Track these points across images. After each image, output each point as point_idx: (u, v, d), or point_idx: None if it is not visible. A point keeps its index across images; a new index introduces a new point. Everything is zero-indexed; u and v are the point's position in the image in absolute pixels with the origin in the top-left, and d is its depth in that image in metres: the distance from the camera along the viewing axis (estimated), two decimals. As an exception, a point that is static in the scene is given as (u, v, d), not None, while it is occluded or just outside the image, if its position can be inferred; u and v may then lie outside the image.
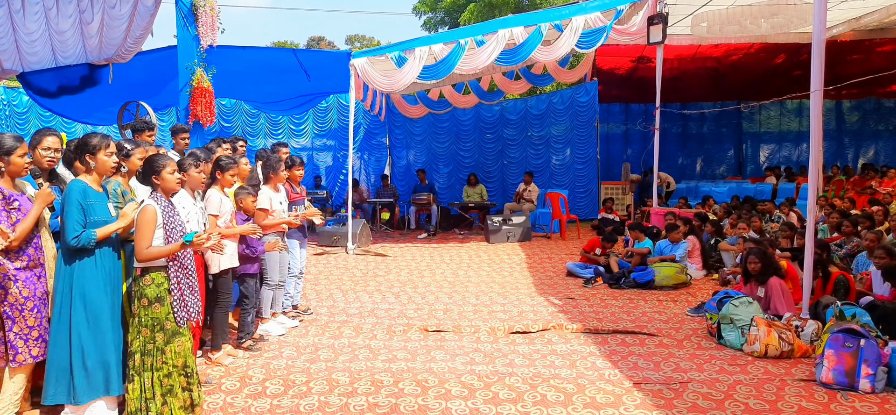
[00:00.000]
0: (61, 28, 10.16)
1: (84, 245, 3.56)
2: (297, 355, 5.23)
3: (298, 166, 6.25)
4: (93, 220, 3.62)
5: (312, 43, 36.65)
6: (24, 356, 3.61)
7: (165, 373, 3.62)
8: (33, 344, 3.64)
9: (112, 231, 3.68)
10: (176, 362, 3.65)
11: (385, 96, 13.78)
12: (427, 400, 4.24)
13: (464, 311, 6.65)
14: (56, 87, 11.63)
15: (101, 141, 3.75)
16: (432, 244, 11.26)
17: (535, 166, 14.51)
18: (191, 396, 3.73)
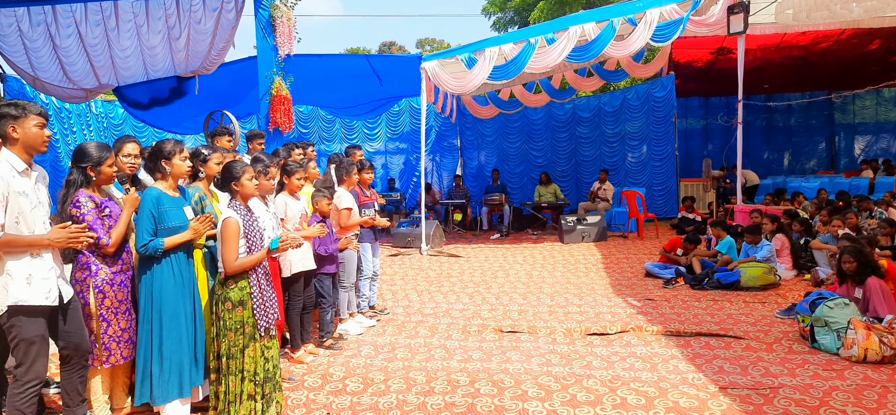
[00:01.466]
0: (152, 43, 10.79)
1: (151, 254, 3.66)
2: (375, 353, 5.33)
3: (368, 169, 6.36)
4: (166, 226, 3.72)
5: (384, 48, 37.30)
6: (116, 358, 3.80)
7: (251, 376, 3.71)
8: (124, 346, 3.83)
9: (179, 242, 3.75)
10: (249, 366, 3.71)
11: (456, 98, 13.85)
12: (503, 401, 4.22)
13: (539, 312, 6.58)
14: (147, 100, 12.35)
15: (175, 147, 3.86)
16: (505, 245, 11.21)
17: (609, 164, 14.20)
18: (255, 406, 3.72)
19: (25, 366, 3.21)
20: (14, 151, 3.20)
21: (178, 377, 3.75)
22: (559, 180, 14.43)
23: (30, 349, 3.21)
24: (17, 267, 3.14)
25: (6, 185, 3.09)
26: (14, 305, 3.13)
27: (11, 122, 3.17)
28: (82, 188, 3.65)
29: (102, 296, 3.72)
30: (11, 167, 3.16)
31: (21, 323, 3.17)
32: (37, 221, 3.24)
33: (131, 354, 3.87)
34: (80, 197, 3.61)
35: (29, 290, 3.16)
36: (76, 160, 3.67)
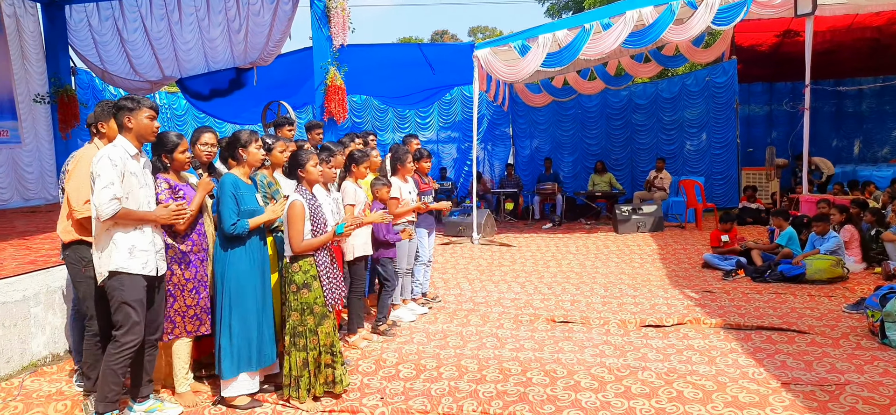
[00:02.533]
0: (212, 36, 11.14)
1: (239, 233, 3.91)
2: (427, 340, 5.38)
3: (426, 158, 6.42)
4: (244, 209, 3.96)
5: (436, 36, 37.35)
6: (180, 331, 4.05)
7: (317, 353, 3.97)
8: (189, 322, 4.07)
9: (261, 222, 4.01)
10: (325, 342, 4.00)
11: (508, 86, 13.75)
12: (556, 391, 4.19)
13: (592, 302, 6.49)
14: (208, 91, 12.76)
15: (250, 136, 4.11)
16: (557, 234, 11.09)
17: (667, 152, 13.83)
18: (334, 373, 4.04)
19: (124, 328, 3.53)
20: (128, 138, 3.59)
21: (248, 352, 3.98)
22: (614, 169, 14.16)
23: (130, 313, 3.53)
24: (122, 238, 3.52)
25: (123, 163, 3.47)
26: (115, 270, 3.48)
27: (128, 113, 3.57)
28: (160, 173, 3.92)
29: (170, 274, 3.97)
30: (125, 151, 3.54)
31: (122, 287, 3.51)
32: (142, 200, 3.61)
33: (197, 330, 4.10)
34: (159, 180, 3.90)
35: (130, 259, 3.52)
36: (154, 148, 3.97)
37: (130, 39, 11.74)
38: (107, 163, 3.42)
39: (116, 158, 3.47)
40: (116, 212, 3.42)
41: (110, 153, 3.48)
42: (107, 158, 3.44)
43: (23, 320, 4.73)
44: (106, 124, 3.98)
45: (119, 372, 3.54)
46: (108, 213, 3.39)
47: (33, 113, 11.82)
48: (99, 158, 3.46)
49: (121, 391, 3.62)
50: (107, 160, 3.43)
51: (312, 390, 4.00)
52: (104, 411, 3.53)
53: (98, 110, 4.08)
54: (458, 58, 11.03)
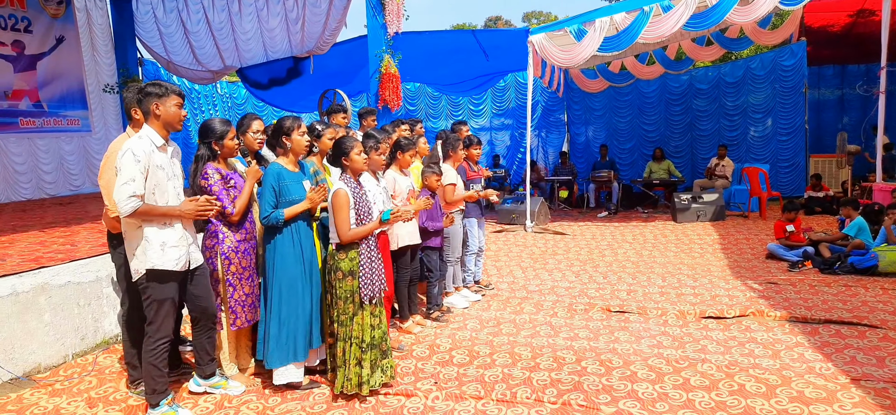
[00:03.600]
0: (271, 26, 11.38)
1: (273, 224, 3.88)
2: (481, 327, 5.37)
3: (476, 145, 6.37)
4: (287, 199, 3.91)
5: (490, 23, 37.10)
6: (242, 320, 4.12)
7: (358, 342, 3.91)
8: (249, 310, 4.14)
9: (298, 212, 3.92)
10: (357, 333, 3.91)
11: (563, 72, 13.53)
12: (611, 380, 4.12)
13: (649, 292, 6.35)
14: (267, 80, 13.07)
15: (294, 123, 4.03)
16: (613, 223, 10.89)
17: (729, 139, 13.35)
18: (362, 372, 3.90)
19: (156, 324, 3.55)
20: (154, 127, 3.48)
21: (295, 341, 3.97)
22: (673, 156, 13.76)
23: (160, 309, 3.54)
24: (154, 235, 3.45)
25: (147, 157, 3.38)
26: (151, 268, 3.45)
27: (155, 99, 3.44)
28: (210, 162, 3.93)
29: (228, 262, 4.02)
30: (151, 142, 3.44)
31: (155, 285, 3.49)
32: (171, 193, 3.53)
33: (255, 317, 4.16)
34: (208, 169, 3.91)
35: (163, 256, 3.46)
36: (202, 136, 3.98)
37: (193, 30, 12.13)
38: (130, 158, 3.31)
39: (140, 152, 3.34)
40: (136, 209, 3.32)
41: (134, 147, 3.34)
42: (130, 153, 3.32)
43: (96, 299, 4.98)
44: (137, 109, 3.81)
45: (159, 366, 3.57)
46: (126, 210, 3.31)
47: (102, 102, 12.39)
48: (123, 152, 3.34)
49: (166, 381, 3.67)
50: (130, 155, 3.32)
51: (348, 381, 3.90)
52: (156, 402, 3.61)
53: (129, 95, 3.98)
54: (512, 44, 10.92)
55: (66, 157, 11.66)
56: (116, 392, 4.14)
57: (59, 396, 4.09)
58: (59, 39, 11.52)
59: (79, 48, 11.87)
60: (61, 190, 11.42)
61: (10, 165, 10.64)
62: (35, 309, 4.49)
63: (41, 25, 11.18)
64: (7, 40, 10.62)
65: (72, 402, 4.00)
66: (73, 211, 8.89)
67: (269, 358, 3.97)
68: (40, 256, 5.33)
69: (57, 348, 4.64)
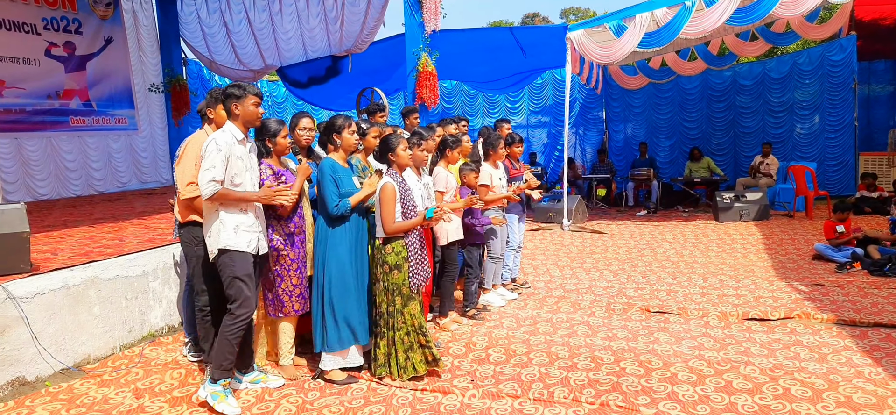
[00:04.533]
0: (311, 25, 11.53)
1: (342, 212, 4.09)
2: (517, 326, 5.36)
3: (517, 143, 6.36)
4: (342, 191, 4.11)
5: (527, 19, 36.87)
6: (289, 309, 4.26)
7: (405, 332, 4.09)
8: (296, 300, 4.26)
9: (360, 199, 4.17)
10: (412, 323, 4.10)
11: (602, 68, 13.35)
12: (651, 382, 4.06)
13: (690, 293, 6.23)
14: (306, 79, 13.25)
15: (345, 121, 4.26)
16: (652, 222, 10.71)
17: (774, 136, 12.98)
18: (430, 352, 4.14)
19: (238, 302, 3.75)
20: (235, 124, 3.77)
21: (347, 330, 4.14)
22: (715, 154, 13.45)
23: (242, 287, 3.74)
24: (229, 218, 3.72)
25: (228, 148, 3.67)
26: (224, 248, 3.70)
27: (235, 100, 3.75)
28: (264, 158, 4.09)
29: (277, 254, 4.17)
30: (233, 136, 3.73)
31: (234, 263, 3.72)
32: (248, 183, 3.80)
33: (302, 308, 4.29)
34: (262, 165, 4.07)
35: (235, 237, 3.72)
36: (257, 134, 4.15)
37: (235, 30, 12.38)
38: (213, 147, 3.64)
39: (223, 143, 3.66)
40: (215, 193, 3.61)
41: (217, 138, 3.68)
42: (214, 143, 3.65)
43: (143, 293, 5.13)
44: (214, 111, 4.22)
45: (233, 342, 3.76)
46: (206, 193, 3.61)
47: (148, 102, 12.73)
48: (208, 143, 3.68)
49: (234, 360, 3.84)
50: (213, 144, 3.65)
51: (402, 369, 4.09)
52: (219, 378, 3.77)
53: (209, 98, 4.34)
54: (549, 40, 10.83)
55: (114, 155, 12.02)
56: (162, 384, 4.26)
57: (107, 386, 4.24)
58: (107, 40, 11.88)
59: (126, 49, 12.23)
60: (109, 187, 11.78)
61: (62, 163, 11.02)
62: (85, 302, 4.65)
63: (91, 27, 11.55)
64: (59, 41, 11.01)
65: (119, 392, 4.13)
66: (121, 207, 9.17)
67: (323, 343, 4.15)
68: (90, 250, 5.52)
69: (105, 339, 4.80)
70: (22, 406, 3.92)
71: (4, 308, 4.10)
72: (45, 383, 4.24)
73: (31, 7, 10.55)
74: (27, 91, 10.45)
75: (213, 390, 3.76)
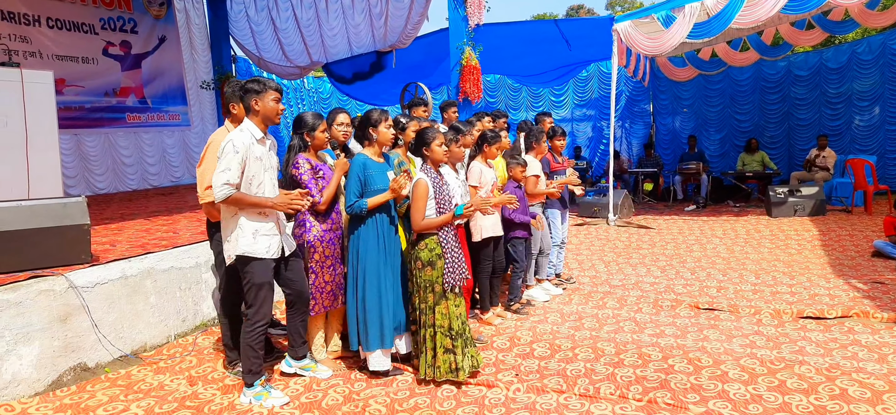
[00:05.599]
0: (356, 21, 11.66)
1: (357, 212, 4.00)
2: (562, 321, 5.31)
3: (559, 136, 6.29)
4: (372, 189, 4.02)
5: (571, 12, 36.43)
6: (319, 307, 4.26)
7: (433, 332, 3.97)
8: (325, 296, 4.27)
9: (381, 202, 4.02)
10: (441, 322, 3.97)
11: (649, 60, 13.09)
12: (700, 379, 3.98)
13: (741, 289, 6.07)
14: (351, 74, 13.39)
15: (381, 115, 4.16)
16: (701, 217, 10.46)
17: (830, 129, 12.50)
18: (455, 359, 3.95)
19: (255, 308, 3.73)
20: (254, 122, 3.68)
21: (379, 328, 4.08)
22: (768, 147, 13.04)
23: (259, 293, 3.71)
24: (247, 223, 3.64)
25: (246, 150, 3.57)
26: (241, 254, 3.65)
27: (254, 95, 3.64)
28: (301, 153, 4.10)
29: (313, 250, 4.19)
30: (251, 135, 3.64)
31: (253, 269, 3.68)
32: (267, 183, 3.72)
33: (333, 304, 4.30)
34: (300, 159, 4.09)
35: (254, 243, 3.65)
36: (295, 128, 4.17)
37: (283, 27, 12.62)
38: (230, 148, 3.50)
39: (240, 144, 3.52)
40: (228, 197, 3.49)
41: (235, 139, 3.54)
42: (231, 144, 3.52)
43: (195, 284, 5.30)
44: (237, 105, 4.06)
45: (255, 347, 3.74)
46: (220, 196, 3.49)
47: (200, 98, 13.11)
48: (225, 143, 3.54)
49: (261, 362, 3.85)
50: (230, 146, 3.51)
51: (435, 368, 3.96)
52: (251, 382, 3.81)
53: (228, 91, 4.18)
54: (595, 32, 10.67)
55: (167, 150, 12.43)
56: (214, 372, 4.39)
57: (163, 373, 4.39)
58: (161, 39, 12.27)
59: (179, 47, 12.61)
60: (163, 181, 12.18)
61: (118, 158, 11.45)
62: (142, 292, 4.83)
63: (145, 26, 11.95)
64: (116, 41, 11.42)
65: (174, 379, 4.27)
66: (174, 201, 9.47)
67: (359, 343, 4.12)
68: (146, 242, 5.72)
69: (161, 328, 4.97)
70: (83, 391, 4.09)
71: (67, 297, 4.28)
72: (104, 369, 4.42)
73: (90, 8, 10.98)
74: (86, 89, 10.89)
75: (253, 393, 3.80)
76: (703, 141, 13.91)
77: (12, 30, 9.75)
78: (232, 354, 4.29)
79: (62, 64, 10.39)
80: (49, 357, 4.15)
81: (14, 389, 3.95)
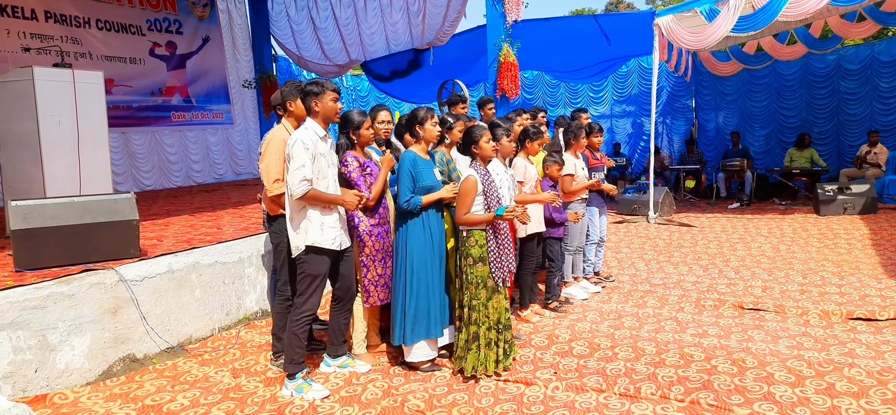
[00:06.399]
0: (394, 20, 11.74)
1: (411, 209, 4.09)
2: (601, 319, 5.26)
3: (597, 133, 6.22)
4: (422, 185, 4.12)
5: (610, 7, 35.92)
6: (375, 299, 4.35)
7: (487, 327, 4.02)
8: (381, 289, 4.35)
9: (434, 199, 4.14)
10: (493, 316, 4.04)
11: (691, 55, 12.82)
12: (745, 381, 3.89)
13: (788, 290, 5.90)
14: (389, 72, 13.50)
15: (427, 113, 4.24)
16: (746, 215, 10.21)
17: (882, 124, 12.03)
18: (498, 352, 4.04)
19: (305, 297, 3.87)
20: (316, 121, 3.85)
21: (426, 322, 4.16)
22: (816, 143, 12.62)
23: (312, 284, 3.86)
24: (316, 215, 3.81)
25: (314, 146, 3.75)
26: (310, 245, 3.80)
27: (314, 97, 3.82)
28: (349, 150, 4.19)
29: (363, 245, 4.27)
30: (315, 133, 3.80)
31: (312, 261, 3.83)
32: (330, 179, 3.88)
33: (386, 297, 4.38)
34: (348, 157, 4.17)
35: (322, 235, 3.82)
36: (341, 126, 4.25)
37: (322, 26, 12.79)
38: (300, 146, 3.68)
39: (308, 141, 3.71)
40: (306, 192, 3.68)
41: (303, 137, 3.72)
42: (300, 142, 3.69)
43: (239, 279, 5.42)
44: (294, 103, 4.17)
45: (300, 336, 3.88)
46: (298, 193, 3.66)
47: (242, 97, 13.40)
48: (293, 142, 3.72)
49: (304, 353, 3.96)
50: (300, 144, 3.69)
51: (481, 364, 4.01)
52: (293, 372, 3.91)
53: (286, 90, 4.32)
54: (635, 27, 10.51)
55: (211, 147, 12.73)
56: (257, 365, 4.49)
57: (207, 365, 4.50)
58: (204, 40, 12.57)
59: (222, 47, 12.90)
60: (207, 178, 12.48)
61: (164, 156, 11.78)
62: (187, 286, 4.96)
63: (189, 27, 12.25)
64: (162, 42, 11.75)
65: (219, 371, 4.38)
66: (218, 197, 9.69)
67: (403, 336, 4.18)
68: (191, 238, 5.87)
69: (205, 321, 5.10)
70: (132, 381, 4.23)
71: (117, 290, 4.43)
72: (152, 360, 4.56)
73: (137, 9, 11.32)
74: (133, 89, 11.23)
75: (295, 386, 3.90)
76: (748, 137, 13.55)
77: (64, 31, 10.12)
78: (278, 344, 4.39)
79: (111, 64, 10.74)
80: (100, 348, 4.30)
81: (67, 378, 4.11)
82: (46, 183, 5.81)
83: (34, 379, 3.95)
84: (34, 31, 9.72)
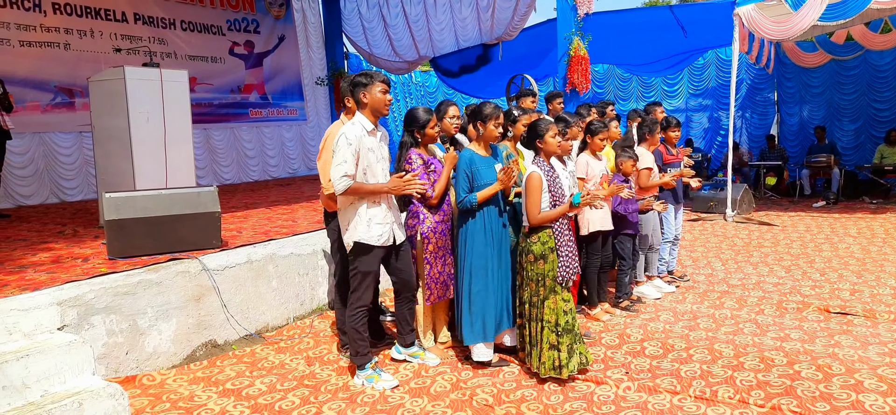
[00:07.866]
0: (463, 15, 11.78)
1: (467, 207, 4.06)
2: (675, 320, 5.11)
3: (674, 127, 6.02)
4: (479, 184, 4.05)
5: (687, -3, 34.65)
6: (435, 296, 4.38)
7: (549, 328, 3.91)
8: (441, 286, 4.37)
9: (489, 195, 4.03)
10: (549, 317, 3.92)
11: (774, 45, 12.22)
12: (831, 388, 3.69)
13: (879, 293, 5.55)
14: (457, 68, 13.55)
15: (494, 111, 4.12)
16: (832, 214, 9.65)
17: None
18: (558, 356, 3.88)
19: (358, 293, 3.93)
20: (365, 114, 3.84)
21: (482, 321, 4.12)
22: (911, 138, 11.79)
23: (363, 280, 3.91)
24: (363, 211, 3.81)
25: (358, 141, 3.74)
26: (358, 241, 3.83)
27: (363, 89, 3.80)
28: (413, 148, 4.21)
29: (426, 241, 4.29)
30: (363, 127, 3.80)
31: (361, 258, 3.87)
32: (379, 173, 3.87)
33: (445, 294, 4.39)
34: (412, 155, 4.20)
35: (368, 231, 3.82)
36: (406, 124, 4.28)
37: (392, 23, 12.98)
38: (343, 141, 3.67)
39: (352, 136, 3.68)
40: (347, 188, 3.66)
41: (347, 132, 3.69)
42: (344, 137, 3.68)
43: (313, 270, 5.58)
44: (351, 100, 4.16)
45: (360, 329, 3.94)
46: (339, 188, 3.67)
47: (315, 94, 13.78)
48: (338, 137, 3.72)
49: (367, 345, 4.01)
50: (343, 139, 3.67)
51: (541, 364, 3.92)
52: (361, 363, 3.99)
53: (343, 86, 4.36)
54: (714, 17, 10.11)
55: (286, 143, 13.16)
56: (330, 354, 4.62)
57: (283, 352, 4.67)
58: (280, 38, 12.99)
59: (296, 45, 13.30)
60: (282, 173, 12.92)
61: (242, 151, 12.27)
62: (265, 276, 5.15)
63: (266, 26, 12.69)
64: (240, 41, 12.22)
65: (294, 359, 4.54)
66: (292, 191, 10.01)
67: (463, 335, 4.19)
68: (268, 230, 6.10)
69: (281, 310, 5.28)
70: (214, 366, 4.44)
71: (200, 279, 4.66)
72: (231, 346, 4.76)
73: (218, 10, 11.82)
74: (214, 86, 11.74)
75: (365, 376, 3.97)
76: (835, 132, 12.80)
77: (151, 32, 10.69)
78: (345, 337, 4.48)
79: (194, 63, 11.26)
80: (184, 333, 4.53)
81: (155, 361, 4.36)
82: (136, 176, 6.15)
83: (125, 361, 4.21)
84: (124, 32, 10.31)
